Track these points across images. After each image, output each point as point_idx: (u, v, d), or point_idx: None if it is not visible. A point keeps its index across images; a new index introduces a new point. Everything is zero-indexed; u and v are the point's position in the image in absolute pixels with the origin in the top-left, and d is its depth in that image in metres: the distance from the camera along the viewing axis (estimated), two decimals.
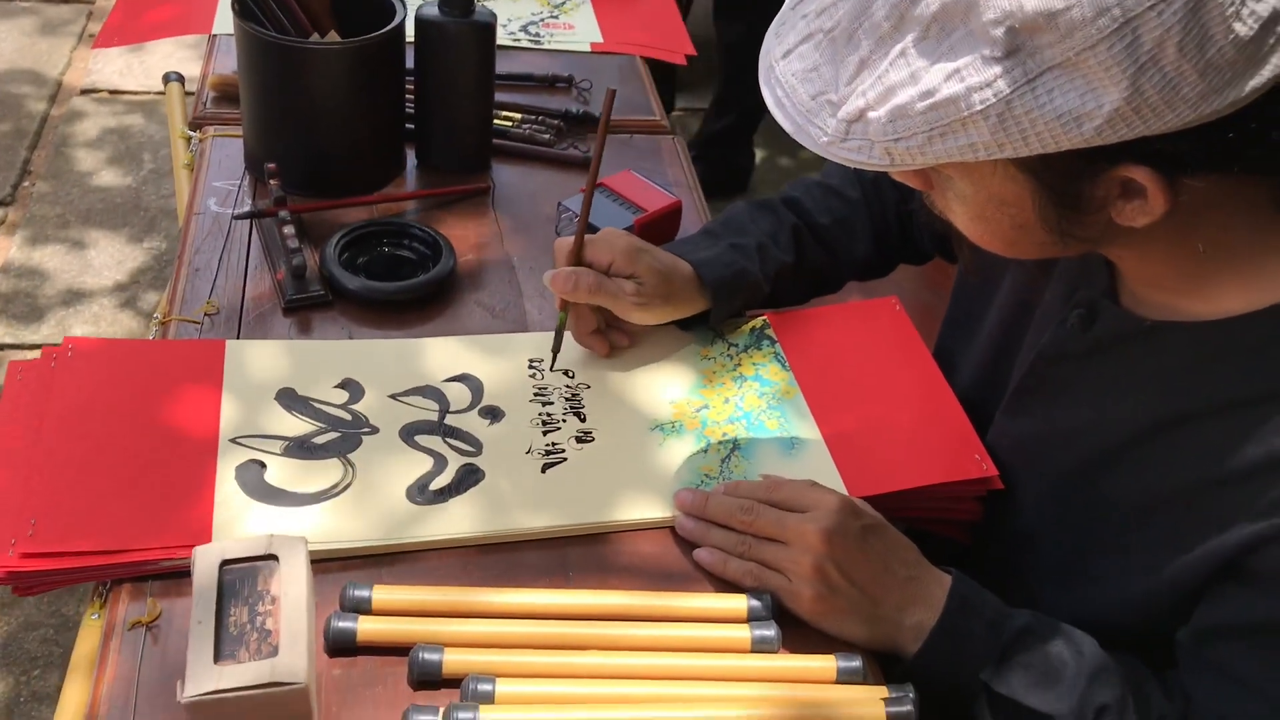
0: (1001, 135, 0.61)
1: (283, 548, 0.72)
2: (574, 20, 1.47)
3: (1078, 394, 0.83)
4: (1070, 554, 0.85)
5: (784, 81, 0.69)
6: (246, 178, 1.15)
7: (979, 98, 0.60)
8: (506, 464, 0.88)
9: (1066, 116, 0.59)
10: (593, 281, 0.93)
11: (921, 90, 0.62)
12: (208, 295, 1.00)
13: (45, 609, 1.78)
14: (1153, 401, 0.77)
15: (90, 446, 0.82)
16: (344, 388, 0.92)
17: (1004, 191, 0.68)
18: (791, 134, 0.69)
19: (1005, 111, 0.60)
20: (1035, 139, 0.61)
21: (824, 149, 0.67)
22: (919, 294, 1.88)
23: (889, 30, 0.63)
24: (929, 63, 0.61)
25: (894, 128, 0.63)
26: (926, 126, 0.62)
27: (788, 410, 0.95)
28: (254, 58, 1.07)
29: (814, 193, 1.08)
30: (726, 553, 0.83)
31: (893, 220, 1.09)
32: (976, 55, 0.60)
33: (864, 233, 1.08)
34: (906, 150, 0.64)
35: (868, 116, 0.64)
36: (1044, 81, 0.59)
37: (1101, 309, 0.81)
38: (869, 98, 0.64)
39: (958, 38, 0.60)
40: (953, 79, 0.61)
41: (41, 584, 0.76)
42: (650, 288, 0.94)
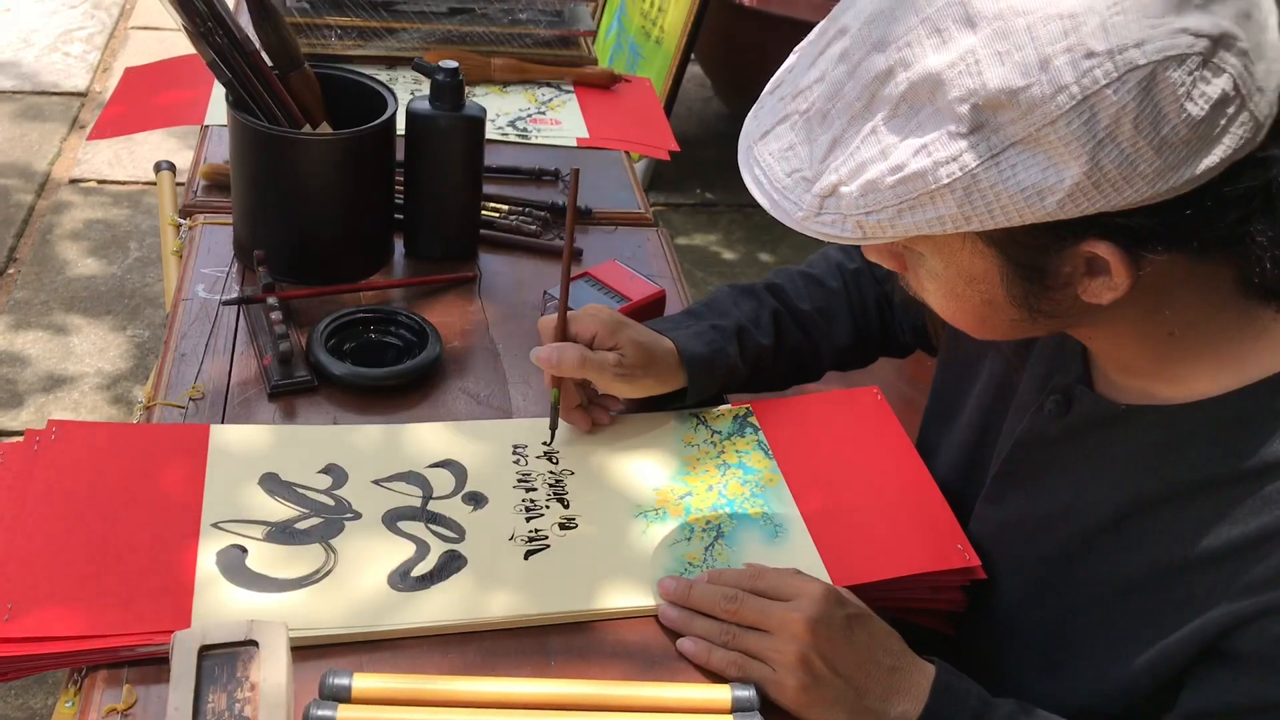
0: (968, 208, 0.63)
1: (263, 634, 0.72)
2: (560, 116, 1.51)
3: (1056, 479, 0.84)
4: (1052, 640, 0.85)
5: (761, 161, 0.71)
6: (235, 264, 1.16)
7: (945, 172, 0.63)
8: (489, 550, 0.87)
9: (1030, 190, 0.62)
10: (577, 356, 0.94)
11: (891, 165, 0.64)
12: (193, 380, 1.00)
13: (13, 701, 1.74)
14: (1128, 485, 0.78)
15: (71, 529, 0.82)
16: (327, 473, 0.92)
17: (973, 267, 0.70)
18: (769, 210, 0.71)
19: (971, 185, 0.63)
20: (1000, 212, 0.63)
21: (799, 224, 0.69)
22: (897, 387, 1.90)
23: (860, 109, 0.65)
24: (898, 139, 0.64)
25: (865, 201, 0.66)
26: (896, 200, 0.65)
27: (771, 498, 0.96)
28: (246, 147, 1.09)
29: (796, 280, 1.10)
30: (710, 642, 0.82)
31: (873, 311, 1.11)
32: (943, 131, 0.63)
33: (844, 321, 1.09)
34: (877, 223, 0.66)
35: (840, 191, 0.67)
36: (1007, 156, 0.62)
37: (1077, 394, 0.82)
38: (841, 173, 0.66)
39: (925, 115, 0.63)
40: (920, 154, 0.63)
41: (16, 670, 0.75)
42: (632, 359, 0.96)
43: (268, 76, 1.09)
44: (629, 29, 3.24)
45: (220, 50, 1.05)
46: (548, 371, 0.96)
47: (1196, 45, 0.59)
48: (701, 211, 3.22)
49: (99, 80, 3.39)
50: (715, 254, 3.05)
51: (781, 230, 3.15)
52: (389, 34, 1.51)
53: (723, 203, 3.26)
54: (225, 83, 1.06)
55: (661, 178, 3.28)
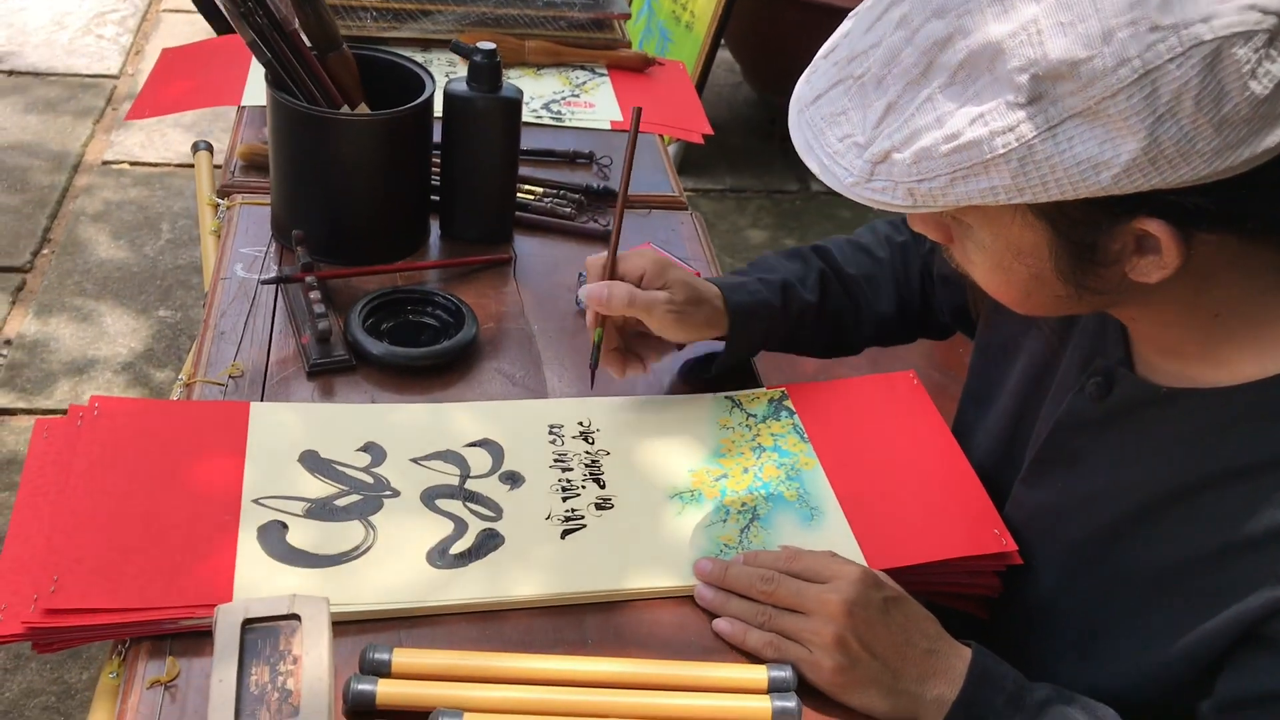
0: (1022, 180, 0.63)
1: (305, 608, 0.72)
2: (594, 99, 1.50)
3: (1095, 462, 0.83)
4: (1088, 625, 0.84)
5: (813, 125, 0.71)
6: (273, 244, 1.17)
7: (1001, 142, 0.62)
8: (526, 529, 0.88)
9: (1085, 164, 0.61)
10: (626, 293, 0.95)
11: (946, 133, 0.64)
12: (232, 358, 1.01)
13: (48, 675, 1.76)
14: (1169, 468, 0.78)
15: (114, 505, 0.83)
16: (366, 451, 0.92)
17: (1022, 240, 0.70)
18: (818, 174, 0.71)
19: (1026, 156, 0.62)
20: (1054, 185, 0.62)
21: (849, 189, 0.69)
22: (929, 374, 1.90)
23: (918, 76, 0.65)
24: (955, 107, 0.64)
25: (918, 169, 0.65)
26: (949, 169, 0.64)
27: (806, 481, 0.96)
28: (285, 127, 1.10)
29: (844, 247, 1.10)
30: (746, 623, 0.82)
31: (916, 283, 1.11)
32: (1000, 100, 0.62)
33: (888, 290, 1.10)
34: (929, 191, 0.66)
35: (893, 158, 0.66)
36: (1065, 129, 0.61)
37: (1118, 377, 0.81)
38: (895, 140, 0.66)
39: (983, 84, 0.62)
40: (977, 123, 0.63)
41: (62, 640, 0.76)
42: (682, 298, 0.97)
43: (307, 57, 1.10)
44: (659, 13, 3.23)
45: (260, 30, 1.05)
46: (596, 310, 0.96)
47: (1264, 23, 0.58)
48: (730, 197, 3.22)
49: (131, 63, 3.41)
50: (744, 239, 3.05)
51: (810, 217, 3.15)
52: (424, 16, 1.51)
53: (751, 188, 3.25)
54: (265, 63, 1.07)
55: (690, 163, 3.27)
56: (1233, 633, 0.73)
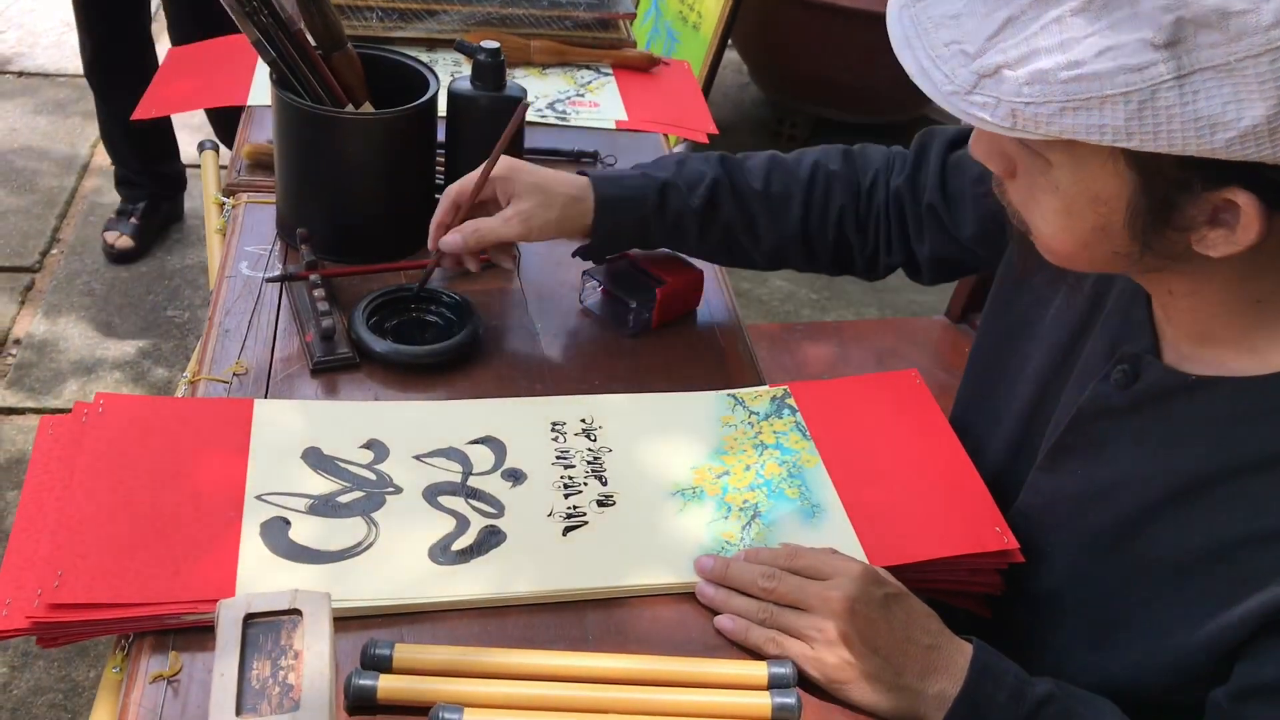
0: (1135, 124, 0.61)
1: (307, 603, 0.73)
2: (599, 99, 1.51)
3: (1118, 450, 0.83)
4: (1102, 614, 0.84)
5: (917, 21, 0.67)
6: (278, 243, 1.17)
7: (1125, 80, 0.60)
8: (528, 526, 0.88)
9: (1204, 121, 0.59)
10: (471, 232, 1.04)
11: (1069, 59, 0.61)
12: (237, 356, 1.01)
13: (55, 673, 1.77)
14: (1195, 457, 0.77)
15: (118, 500, 0.83)
16: (369, 448, 0.92)
17: (1104, 188, 0.68)
18: (912, 74, 0.67)
19: (1148, 100, 0.60)
20: (1165, 136, 0.60)
21: (946, 97, 0.66)
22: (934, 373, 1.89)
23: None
24: (1084, 34, 0.61)
25: (1029, 91, 0.62)
26: (1064, 96, 0.62)
27: (808, 479, 0.96)
28: (290, 126, 1.10)
29: (762, 161, 1.11)
30: (748, 619, 0.83)
31: (832, 218, 1.10)
32: (1136, 37, 0.59)
33: (793, 214, 1.09)
34: (1034, 116, 0.63)
35: (1003, 74, 0.63)
36: (1193, 80, 0.59)
37: (1145, 364, 0.81)
38: (1009, 55, 0.63)
39: (1120, 16, 0.60)
40: (1105, 55, 0.60)
41: (66, 635, 0.76)
42: (529, 205, 1.03)
43: (311, 56, 1.10)
44: (666, 14, 3.23)
45: (265, 29, 1.06)
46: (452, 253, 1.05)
47: None
48: None
49: None
50: None
51: None
52: (430, 16, 1.52)
53: None
54: (270, 61, 1.07)
55: None
56: (1255, 622, 0.73)
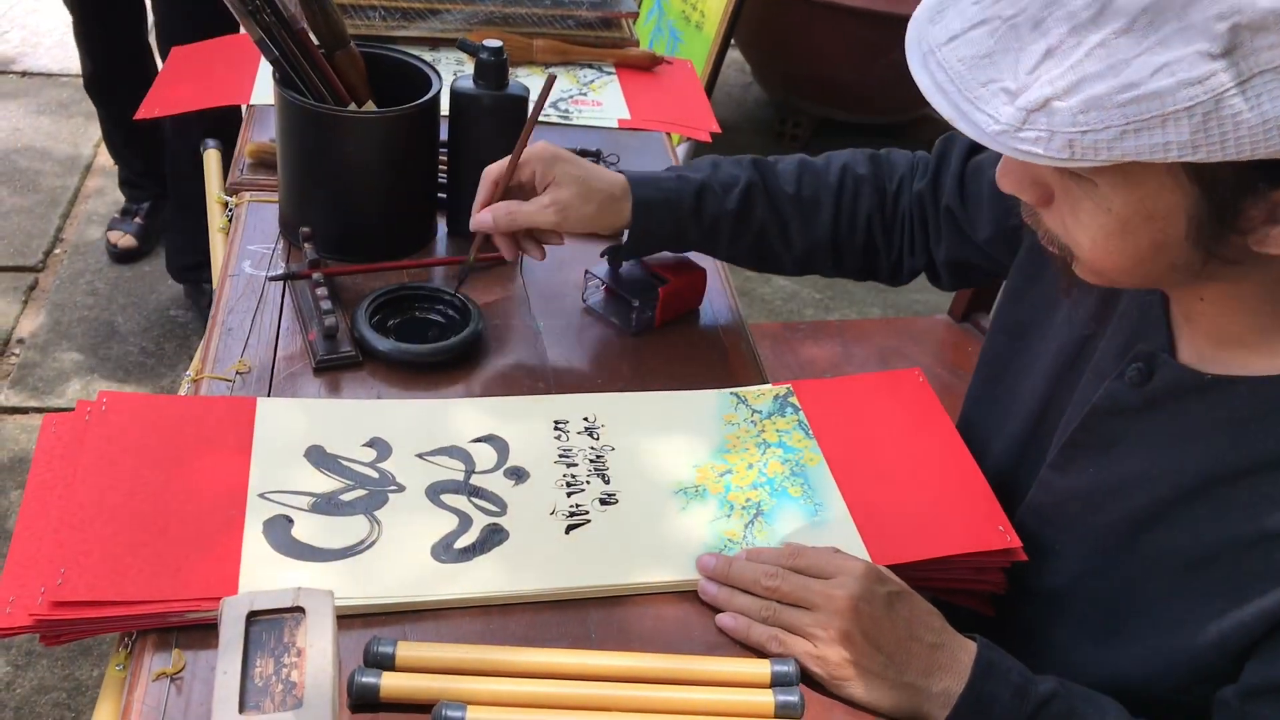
0: (1201, 136, 0.59)
1: (310, 601, 0.73)
2: (602, 97, 1.51)
3: (1131, 448, 0.82)
4: (1111, 611, 0.84)
5: (948, 66, 0.66)
6: (280, 242, 1.17)
7: (1187, 94, 0.59)
8: (530, 525, 0.88)
9: (1272, 123, 0.58)
10: (505, 214, 1.02)
11: (1123, 82, 0.60)
12: (240, 354, 1.02)
13: (59, 672, 1.77)
14: (1210, 455, 0.77)
15: (121, 498, 0.83)
16: (372, 446, 0.92)
17: (1160, 203, 0.66)
18: (951, 119, 0.66)
19: (1212, 111, 0.59)
20: (1233, 143, 0.59)
21: (993, 138, 0.64)
22: (938, 373, 1.89)
23: (1088, 19, 0.61)
24: (1134, 54, 0.60)
25: (1086, 119, 0.61)
26: (1123, 120, 0.60)
27: (811, 477, 0.96)
28: (293, 125, 1.10)
29: (792, 165, 1.10)
30: (750, 618, 0.83)
31: (860, 222, 1.09)
32: (1192, 50, 0.58)
33: (824, 218, 1.09)
34: (1093, 144, 0.61)
35: (1053, 105, 0.62)
36: (1256, 84, 0.58)
37: (1160, 363, 0.80)
38: (1057, 86, 0.62)
39: (1170, 31, 0.59)
40: (1161, 73, 0.59)
41: (69, 633, 0.76)
42: (567, 195, 1.02)
43: (314, 54, 1.10)
44: (669, 13, 3.23)
45: (268, 28, 1.06)
46: (483, 232, 1.04)
47: None
48: None
49: None
50: None
51: None
52: (432, 15, 1.52)
53: None
54: (272, 60, 1.07)
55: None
56: (1267, 622, 0.73)
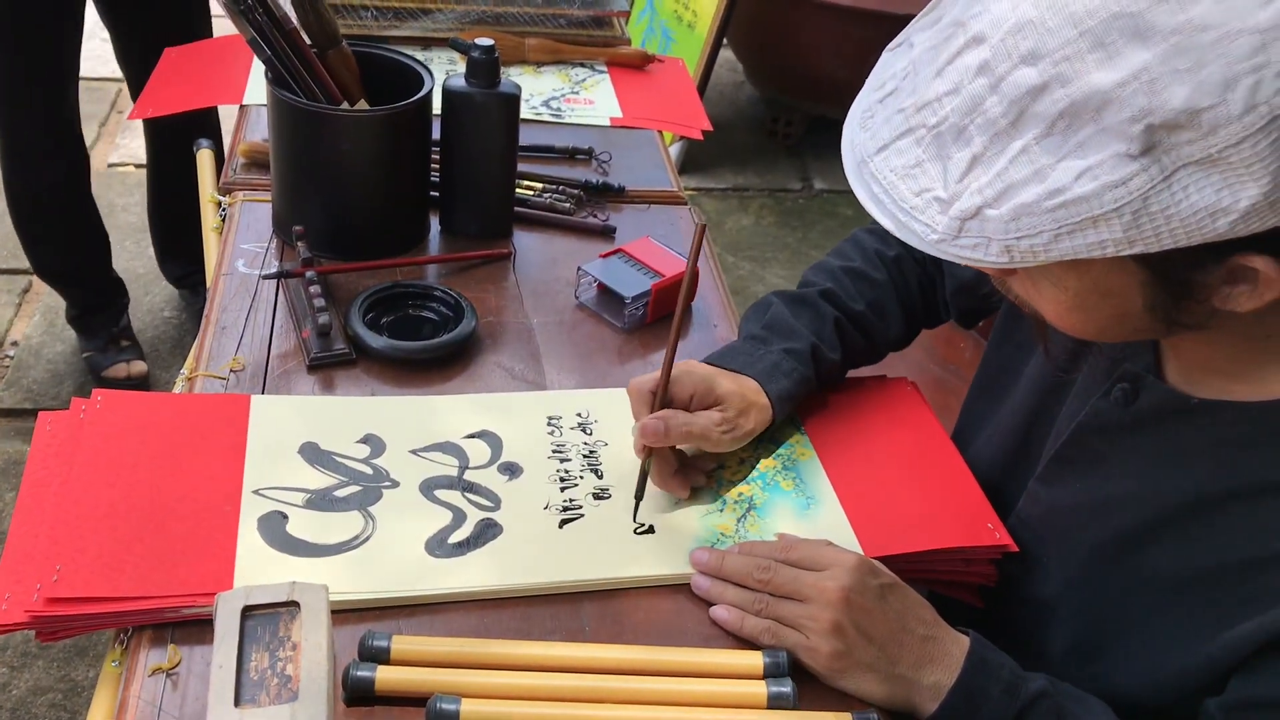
0: (1134, 232, 0.60)
1: (304, 595, 0.73)
2: (594, 96, 1.51)
3: (1117, 467, 0.83)
4: (1099, 626, 0.84)
5: (881, 177, 0.67)
6: (274, 240, 1.17)
7: (1112, 196, 0.59)
8: (524, 519, 0.88)
9: (1202, 212, 0.59)
10: (682, 425, 0.89)
11: (1049, 188, 0.61)
12: (234, 352, 1.02)
13: (55, 673, 1.77)
14: (1196, 478, 0.77)
15: (116, 495, 0.84)
16: (366, 443, 0.93)
17: (1112, 282, 0.67)
18: (893, 230, 0.67)
19: (1140, 209, 0.59)
20: (1169, 235, 0.60)
21: (933, 246, 0.66)
22: (929, 368, 1.90)
23: (1007, 126, 0.62)
24: (1055, 160, 0.60)
25: (1017, 226, 0.62)
26: (1054, 225, 0.61)
27: (803, 472, 0.96)
28: (286, 124, 1.11)
29: (843, 279, 1.06)
30: (743, 611, 0.83)
31: (918, 296, 1.09)
32: (1110, 153, 0.59)
33: (895, 314, 1.07)
34: (1029, 248, 0.63)
35: (985, 214, 0.63)
36: (1180, 178, 0.59)
37: (1146, 384, 0.80)
38: (986, 195, 0.63)
39: (1087, 134, 0.59)
40: (1084, 177, 0.60)
41: (65, 629, 0.77)
42: (734, 412, 0.92)
43: (306, 54, 1.10)
44: (661, 13, 3.24)
45: (260, 28, 1.06)
46: (650, 444, 0.89)
47: None
48: (733, 195, 3.22)
49: None
50: (746, 238, 3.05)
51: (813, 215, 3.15)
52: (424, 14, 1.52)
53: (754, 187, 3.26)
54: (265, 60, 1.07)
55: (693, 162, 3.28)
56: (1254, 642, 0.73)
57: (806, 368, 0.99)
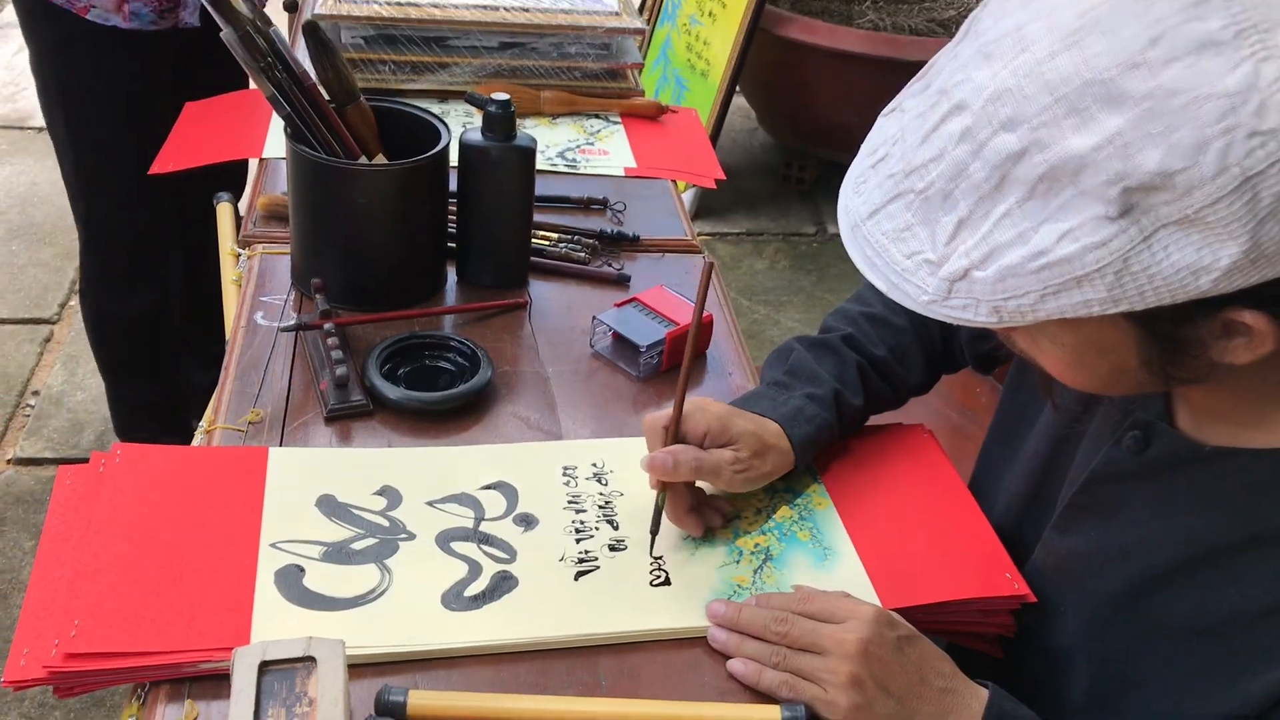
0: (1118, 291, 0.61)
1: (321, 650, 0.73)
2: (608, 146, 1.53)
3: (1131, 514, 0.82)
4: (1112, 676, 0.83)
5: (873, 240, 0.69)
6: (292, 292, 1.19)
7: (1094, 257, 0.61)
8: (540, 571, 0.88)
9: (1184, 271, 0.60)
10: (692, 460, 0.89)
11: (1032, 250, 0.62)
12: (252, 404, 1.03)
13: None
14: (1211, 526, 0.77)
15: (134, 549, 0.84)
16: (382, 494, 0.93)
17: (1106, 338, 0.68)
18: (886, 292, 0.69)
19: (1122, 269, 0.61)
20: (1152, 294, 0.61)
21: (925, 308, 0.67)
22: (946, 415, 1.90)
23: (990, 190, 0.63)
24: (1037, 223, 0.62)
25: (1003, 287, 0.64)
26: (1039, 286, 0.63)
27: (819, 522, 0.96)
28: (305, 178, 1.12)
29: (863, 325, 1.06)
30: (761, 663, 0.83)
31: (939, 340, 1.09)
32: (1089, 215, 0.60)
33: (917, 359, 1.07)
34: (1017, 308, 0.64)
35: (973, 275, 0.65)
36: (1159, 238, 0.60)
37: (1157, 432, 0.80)
38: (973, 257, 0.64)
39: (1067, 197, 0.61)
40: (1065, 239, 0.61)
41: (83, 684, 0.77)
42: (749, 452, 0.92)
43: (325, 110, 1.12)
44: (675, 62, 3.28)
45: (280, 85, 1.08)
46: (661, 478, 0.90)
47: None
48: (747, 240, 3.24)
49: None
50: (761, 282, 3.06)
51: (827, 258, 3.16)
52: (442, 69, 1.54)
53: (768, 231, 3.28)
54: (284, 116, 1.09)
55: (707, 207, 3.30)
56: (1273, 696, 0.72)
57: (829, 413, 0.99)
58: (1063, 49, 0.60)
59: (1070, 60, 0.60)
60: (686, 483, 0.92)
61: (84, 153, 1.86)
